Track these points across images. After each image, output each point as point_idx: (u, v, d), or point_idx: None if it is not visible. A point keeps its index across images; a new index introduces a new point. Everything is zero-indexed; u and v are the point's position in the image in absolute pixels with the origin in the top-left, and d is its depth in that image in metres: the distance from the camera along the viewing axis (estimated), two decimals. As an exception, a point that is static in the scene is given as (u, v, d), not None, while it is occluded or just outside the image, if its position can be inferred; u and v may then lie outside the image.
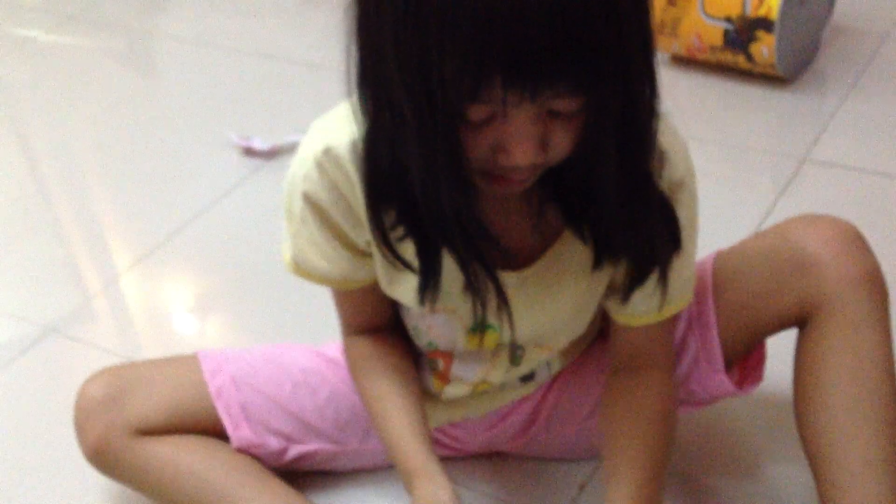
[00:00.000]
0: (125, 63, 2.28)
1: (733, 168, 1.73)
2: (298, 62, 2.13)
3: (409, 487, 0.96)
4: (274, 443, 1.14)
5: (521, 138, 0.78)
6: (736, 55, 1.86)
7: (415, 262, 0.92)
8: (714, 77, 1.92)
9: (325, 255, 0.98)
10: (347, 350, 1.09)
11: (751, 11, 1.80)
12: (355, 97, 0.85)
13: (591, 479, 1.20)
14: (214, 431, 1.12)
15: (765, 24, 1.79)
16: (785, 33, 1.81)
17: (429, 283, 0.92)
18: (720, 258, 1.08)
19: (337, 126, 0.92)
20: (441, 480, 0.94)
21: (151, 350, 1.48)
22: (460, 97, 0.75)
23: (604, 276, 0.99)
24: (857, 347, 0.97)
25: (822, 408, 0.99)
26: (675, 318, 1.04)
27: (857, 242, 1.00)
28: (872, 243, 1.02)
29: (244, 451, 1.13)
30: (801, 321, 1.03)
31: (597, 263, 0.93)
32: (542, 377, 1.14)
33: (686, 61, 1.95)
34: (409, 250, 0.92)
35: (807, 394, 1.01)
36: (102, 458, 1.11)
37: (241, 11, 2.36)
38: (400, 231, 0.90)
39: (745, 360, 1.10)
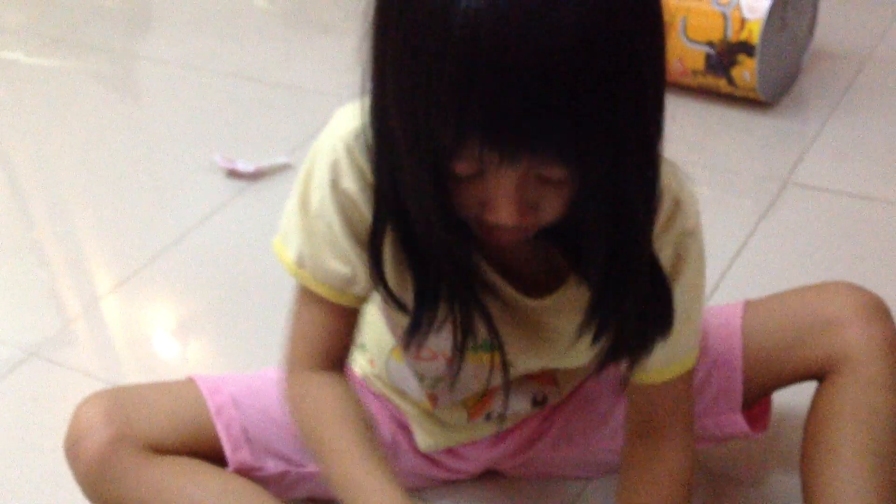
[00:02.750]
0: (109, 86, 2.27)
1: (715, 191, 1.74)
2: (283, 85, 2.13)
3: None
4: (272, 466, 1.11)
5: (505, 200, 0.76)
6: (717, 79, 1.87)
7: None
8: (696, 101, 1.93)
9: (340, 253, 0.92)
10: (301, 390, 0.97)
11: (732, 36, 1.81)
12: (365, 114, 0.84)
13: (583, 492, 1.20)
14: (213, 451, 1.08)
15: (746, 48, 1.80)
16: (766, 57, 1.82)
17: (420, 325, 0.89)
18: (750, 306, 1.12)
19: (352, 123, 0.89)
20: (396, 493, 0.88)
21: (135, 374, 1.47)
22: (444, 152, 0.74)
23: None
24: (872, 406, 1.01)
25: (829, 457, 1.01)
26: (690, 377, 1.02)
27: (880, 310, 1.06)
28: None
29: (242, 474, 1.09)
30: (822, 375, 1.06)
31: (591, 313, 0.90)
32: (554, 398, 1.13)
33: (668, 85, 1.96)
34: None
35: (816, 444, 1.03)
36: (102, 477, 1.02)
37: (226, 35, 2.36)
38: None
39: (751, 409, 1.12)
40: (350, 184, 0.89)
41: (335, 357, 0.98)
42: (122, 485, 1.03)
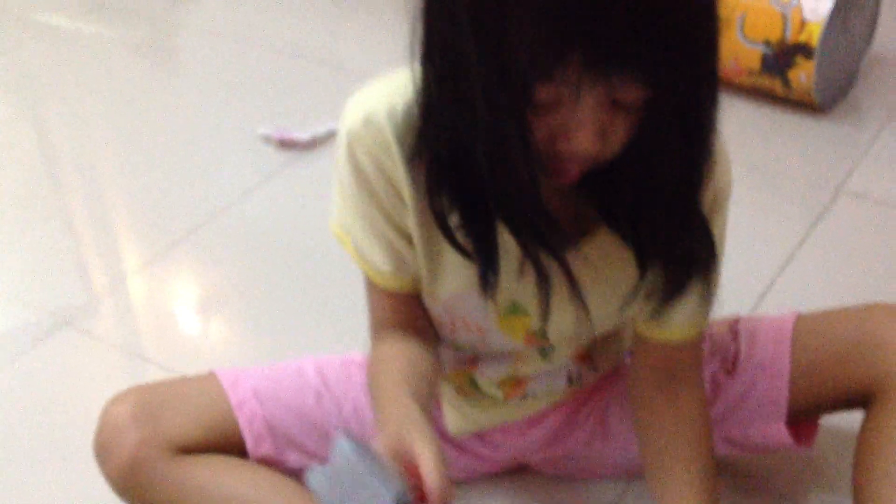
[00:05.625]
0: (149, 55, 2.25)
1: (765, 195, 1.70)
2: (326, 62, 2.10)
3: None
4: (294, 459, 1.10)
5: (586, 124, 0.76)
6: (773, 80, 1.82)
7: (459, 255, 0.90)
8: (749, 101, 1.89)
9: (379, 236, 0.94)
10: (373, 353, 1.00)
11: (791, 36, 1.76)
12: (417, 71, 0.83)
13: (620, 501, 1.18)
14: (239, 445, 1.08)
15: (805, 49, 1.75)
16: (825, 60, 1.77)
17: (489, 268, 0.89)
18: (801, 319, 1.11)
19: (375, 95, 0.90)
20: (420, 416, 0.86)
21: (163, 351, 1.45)
22: (534, 75, 0.73)
23: (630, 279, 0.96)
24: None
25: (885, 484, 0.99)
26: (702, 338, 1.04)
27: None
28: None
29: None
30: (867, 400, 1.05)
31: (640, 264, 0.92)
32: (590, 379, 1.12)
33: (722, 84, 1.92)
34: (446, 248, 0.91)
35: (869, 470, 1.01)
36: (134, 480, 1.03)
37: (271, 7, 2.33)
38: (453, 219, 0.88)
39: (798, 426, 1.11)
40: (369, 171, 0.90)
41: (413, 326, 1.00)
42: (154, 486, 1.04)
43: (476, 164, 0.80)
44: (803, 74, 1.78)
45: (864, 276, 1.51)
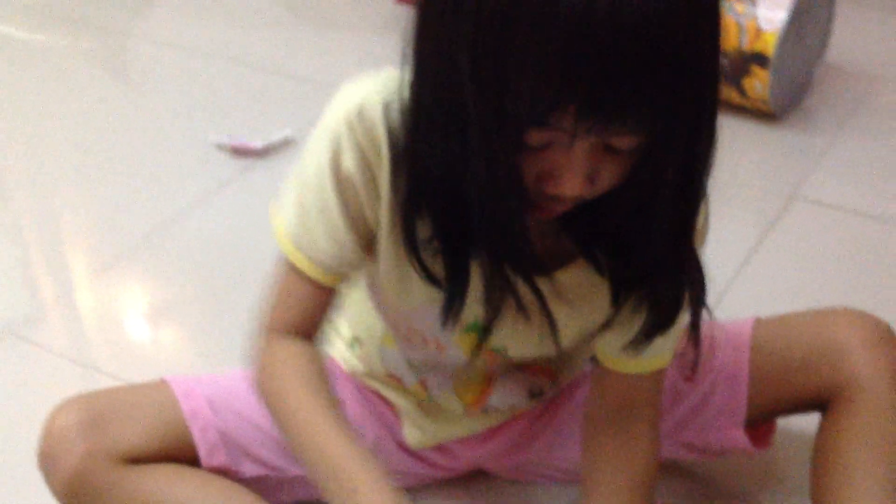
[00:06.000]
0: (104, 65, 2.23)
1: (720, 201, 1.68)
2: (283, 74, 2.09)
3: (340, 494, 0.85)
4: (249, 470, 1.08)
5: (576, 170, 0.76)
6: (729, 89, 1.83)
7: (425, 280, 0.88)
8: (704, 110, 1.90)
9: (333, 232, 0.90)
10: (272, 350, 0.95)
11: (746, 45, 1.77)
12: (405, 87, 0.81)
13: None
14: (191, 455, 1.05)
15: (760, 59, 1.77)
16: (780, 69, 1.79)
17: (455, 300, 0.87)
18: (759, 325, 1.11)
19: (370, 86, 0.86)
20: (383, 484, 0.84)
21: (113, 360, 1.42)
22: (529, 120, 0.73)
23: (603, 311, 0.95)
24: (883, 433, 1.01)
25: (845, 487, 0.99)
26: (664, 373, 1.02)
27: (886, 337, 1.05)
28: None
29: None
30: (824, 404, 1.05)
31: (615, 299, 0.91)
32: (550, 392, 1.11)
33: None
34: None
35: (828, 472, 1.02)
36: (81, 492, 1.00)
37: (225, 19, 2.32)
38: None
39: (755, 429, 1.11)
40: (349, 163, 0.87)
41: (309, 330, 0.96)
42: (101, 498, 1.00)
43: (461, 190, 0.79)
44: (758, 83, 1.79)
45: (819, 281, 1.51)
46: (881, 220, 1.64)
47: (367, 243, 0.92)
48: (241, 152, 1.81)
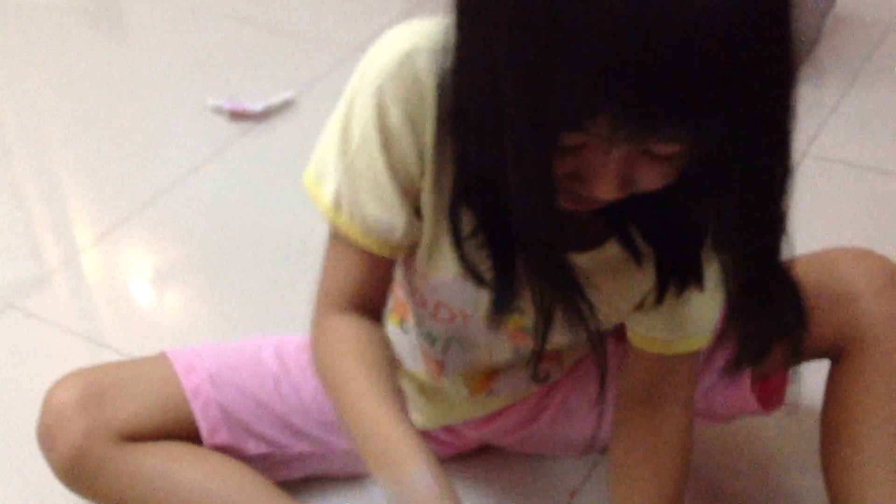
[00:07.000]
0: (97, 24, 2.19)
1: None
2: (278, 30, 2.05)
3: (390, 473, 0.82)
4: (253, 447, 1.06)
5: (607, 176, 0.72)
6: (736, 42, 1.79)
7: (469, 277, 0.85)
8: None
9: (381, 196, 0.84)
10: (327, 327, 0.90)
11: (754, -3, 1.73)
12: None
13: (582, 486, 1.15)
14: (192, 431, 1.04)
15: (768, 10, 1.72)
16: (788, 21, 1.74)
17: (506, 294, 0.83)
18: None
19: (419, 33, 0.80)
20: (433, 468, 0.81)
21: (114, 328, 1.41)
22: (564, 123, 0.68)
23: (639, 289, 0.92)
24: (893, 393, 0.97)
25: (851, 444, 0.97)
26: (698, 356, 0.99)
27: (895, 278, 1.00)
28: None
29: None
30: (835, 354, 1.01)
31: (660, 297, 0.88)
32: (556, 375, 1.09)
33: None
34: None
35: (836, 428, 0.99)
36: (80, 469, 0.99)
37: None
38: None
39: (766, 382, 1.06)
40: (395, 117, 0.80)
41: (369, 307, 0.90)
42: (101, 475, 1.00)
43: (500, 183, 0.74)
44: (766, 35, 1.75)
45: (830, 237, 1.48)
46: (894, 175, 1.62)
47: (414, 206, 0.86)
48: (239, 115, 1.77)
